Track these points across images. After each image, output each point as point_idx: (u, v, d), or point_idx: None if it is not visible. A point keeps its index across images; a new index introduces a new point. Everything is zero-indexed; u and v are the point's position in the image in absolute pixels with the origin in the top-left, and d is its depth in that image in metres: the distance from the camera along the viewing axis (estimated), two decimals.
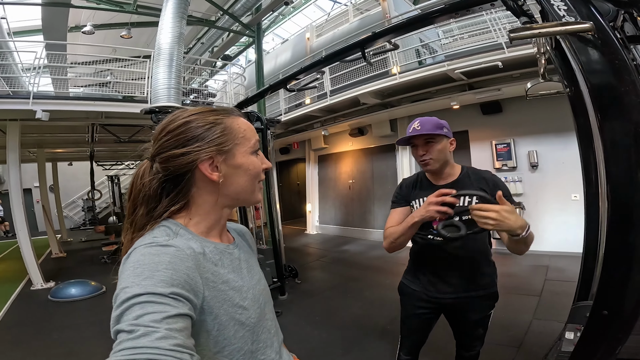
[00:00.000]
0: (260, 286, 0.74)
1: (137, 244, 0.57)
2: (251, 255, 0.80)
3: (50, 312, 4.09)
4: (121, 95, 6.10)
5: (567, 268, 4.29)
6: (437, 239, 1.41)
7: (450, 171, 1.46)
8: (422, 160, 1.42)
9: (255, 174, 0.70)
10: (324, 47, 7.93)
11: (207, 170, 0.64)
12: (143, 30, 8.48)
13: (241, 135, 0.68)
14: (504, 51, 4.39)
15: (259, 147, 0.72)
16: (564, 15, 0.93)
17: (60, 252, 7.71)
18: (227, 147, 0.66)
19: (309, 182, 9.14)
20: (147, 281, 0.48)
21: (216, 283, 0.60)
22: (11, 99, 4.81)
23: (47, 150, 8.30)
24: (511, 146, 5.54)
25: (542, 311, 3.22)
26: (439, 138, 1.40)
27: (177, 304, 0.48)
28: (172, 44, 4.91)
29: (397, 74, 5.50)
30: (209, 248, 0.64)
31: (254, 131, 0.72)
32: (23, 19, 8.61)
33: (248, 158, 0.69)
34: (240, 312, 0.63)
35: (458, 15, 1.89)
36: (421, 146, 1.42)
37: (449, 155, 1.44)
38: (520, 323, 2.97)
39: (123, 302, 0.46)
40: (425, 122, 1.39)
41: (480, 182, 1.40)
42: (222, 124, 0.67)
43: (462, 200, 1.36)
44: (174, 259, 0.53)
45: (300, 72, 3.12)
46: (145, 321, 0.43)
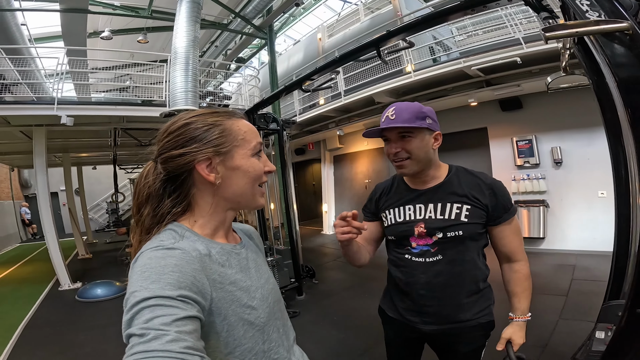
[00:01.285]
0: (269, 285, 0.73)
1: (144, 247, 0.58)
2: (259, 255, 0.80)
3: (77, 312, 4.23)
4: (140, 100, 6.26)
5: (595, 267, 4.14)
6: (415, 259, 1.13)
7: (435, 173, 1.15)
8: (397, 159, 1.11)
9: (255, 177, 0.69)
10: (336, 47, 7.91)
11: (204, 171, 0.64)
12: (159, 35, 8.67)
13: (241, 137, 0.68)
14: (522, 46, 4.26)
15: (260, 149, 0.71)
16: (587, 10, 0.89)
17: (86, 254, 8.00)
18: (226, 149, 0.66)
19: (325, 182, 9.14)
20: (154, 285, 0.49)
21: (223, 284, 0.61)
22: (37, 105, 5.01)
23: (72, 154, 8.62)
24: (533, 143, 5.36)
25: (569, 311, 3.12)
26: (420, 132, 1.07)
27: (186, 307, 0.48)
28: (187, 47, 5.01)
29: (411, 72, 5.42)
30: (215, 249, 0.65)
31: (255, 133, 0.72)
32: (43, 25, 8.96)
33: (247, 160, 0.68)
34: (249, 312, 0.63)
35: (474, 12, 1.84)
36: (394, 141, 1.10)
37: (432, 154, 1.12)
38: (546, 323, 2.89)
39: (133, 306, 0.47)
40: (402, 110, 1.06)
41: (473, 187, 1.10)
42: (222, 125, 0.67)
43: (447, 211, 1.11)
44: (181, 262, 0.54)
45: (315, 72, 3.12)
46: (156, 324, 0.44)
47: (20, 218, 12.76)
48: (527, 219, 5.29)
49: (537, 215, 5.21)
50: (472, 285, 1.12)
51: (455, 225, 1.08)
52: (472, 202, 1.08)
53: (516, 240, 1.13)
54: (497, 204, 1.08)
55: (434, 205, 1.12)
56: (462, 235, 1.08)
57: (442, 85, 5.64)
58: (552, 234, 5.16)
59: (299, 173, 11.22)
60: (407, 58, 5.58)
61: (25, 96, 5.41)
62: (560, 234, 5.12)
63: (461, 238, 1.08)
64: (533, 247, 5.25)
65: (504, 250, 1.14)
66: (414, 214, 1.14)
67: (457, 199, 1.10)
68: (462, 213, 1.08)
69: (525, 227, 5.27)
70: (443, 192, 1.13)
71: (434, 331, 1.14)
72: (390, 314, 1.25)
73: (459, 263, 1.10)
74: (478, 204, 1.09)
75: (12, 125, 5.28)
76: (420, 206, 1.14)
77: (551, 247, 5.14)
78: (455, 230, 1.08)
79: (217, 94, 8.14)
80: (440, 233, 1.09)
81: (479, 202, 1.09)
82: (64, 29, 7.26)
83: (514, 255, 1.13)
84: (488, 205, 1.08)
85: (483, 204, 1.09)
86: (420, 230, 1.12)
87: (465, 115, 6.09)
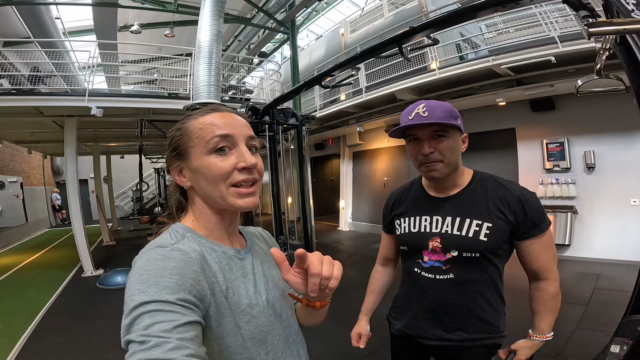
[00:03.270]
0: (277, 292, 0.70)
1: (143, 249, 0.57)
2: (268, 260, 0.75)
3: (97, 299, 4.38)
4: (167, 93, 6.41)
5: (620, 277, 3.96)
6: (425, 274, 1.07)
7: (457, 179, 1.05)
8: (428, 162, 1.00)
9: (215, 177, 0.61)
10: (359, 42, 7.81)
11: (174, 176, 0.66)
12: (184, 29, 8.85)
13: (195, 135, 0.62)
14: (558, 45, 4.05)
15: (220, 144, 0.61)
16: (633, 9, 0.82)
17: (110, 241, 8.36)
18: (183, 151, 0.64)
19: (343, 178, 9.10)
20: (152, 288, 0.47)
21: (222, 289, 0.58)
22: (69, 96, 5.23)
23: (102, 144, 8.99)
24: (565, 146, 5.10)
25: (588, 321, 3.00)
26: (453, 132, 0.99)
27: (186, 311, 0.47)
28: (211, 42, 5.07)
29: (436, 70, 5.26)
30: (216, 252, 0.63)
31: (218, 126, 0.62)
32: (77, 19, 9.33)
33: (203, 160, 0.61)
34: (247, 320, 0.60)
35: (505, 8, 1.74)
36: (427, 141, 0.99)
37: (460, 157, 1.04)
38: (562, 332, 2.78)
39: (131, 310, 0.45)
40: (435, 108, 0.96)
41: (498, 199, 0.99)
42: (182, 127, 0.65)
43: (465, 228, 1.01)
44: (179, 264, 0.52)
45: (335, 68, 3.07)
46: (156, 331, 0.43)
47: (50, 203, 13.45)
48: (553, 224, 5.06)
49: (564, 221, 4.98)
50: (482, 307, 1.04)
51: (473, 244, 0.99)
52: (495, 219, 0.98)
53: (545, 257, 1.01)
54: (526, 220, 0.97)
55: (452, 219, 1.03)
56: (478, 257, 1.00)
57: (469, 83, 5.46)
58: (578, 241, 4.94)
59: (317, 168, 11.23)
60: (432, 55, 5.43)
61: (59, 88, 5.66)
62: (586, 241, 4.90)
63: (477, 259, 1.00)
64: (557, 254, 5.03)
65: (530, 267, 1.03)
66: (429, 225, 1.07)
67: (478, 214, 1.00)
68: (482, 231, 0.98)
69: None
70: (463, 203, 1.03)
71: (439, 345, 1.09)
72: (397, 327, 1.20)
73: (471, 284, 1.02)
74: (502, 220, 0.98)
75: (45, 115, 5.54)
76: (438, 218, 1.05)
77: (576, 254, 4.92)
78: (473, 252, 0.99)
79: (239, 88, 8.23)
80: (456, 252, 1.01)
81: (504, 217, 0.98)
82: (96, 23, 7.54)
83: (541, 273, 1.02)
84: (514, 220, 0.98)
85: (508, 220, 0.98)
86: (435, 244, 1.04)
87: (492, 115, 5.87)
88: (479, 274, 1.01)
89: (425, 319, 1.09)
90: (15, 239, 9.39)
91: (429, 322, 1.09)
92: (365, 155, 8.67)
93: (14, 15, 6.96)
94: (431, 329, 1.08)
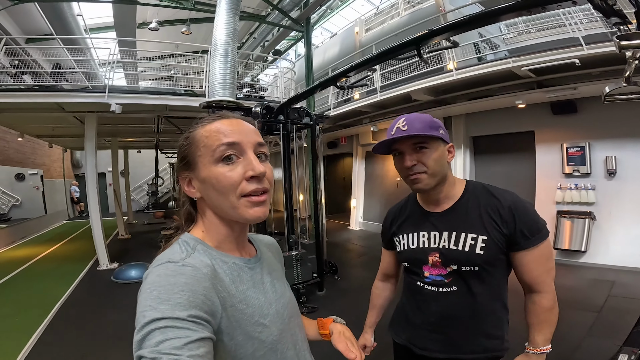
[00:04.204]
0: (284, 300, 0.71)
1: (154, 262, 0.57)
2: (275, 268, 0.76)
3: (110, 293, 4.44)
4: (183, 90, 6.50)
5: (637, 284, 3.90)
6: (428, 288, 1.07)
7: (449, 191, 1.06)
8: (411, 173, 1.01)
9: (224, 188, 0.59)
10: (374, 41, 7.72)
11: (184, 187, 0.65)
12: (201, 26, 8.93)
13: (202, 144, 0.61)
14: (582, 47, 3.91)
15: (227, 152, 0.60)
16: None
17: (125, 234, 8.53)
18: (191, 161, 0.63)
19: (355, 177, 9.07)
20: (164, 305, 0.47)
21: (234, 302, 0.58)
22: (89, 93, 5.35)
23: (120, 139, 9.16)
24: (585, 150, 4.96)
25: (599, 329, 2.95)
26: (435, 142, 1.00)
27: (197, 328, 0.47)
28: (226, 39, 5.10)
29: (453, 70, 5.16)
30: (227, 264, 0.62)
31: (224, 133, 0.60)
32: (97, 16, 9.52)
33: (210, 170, 0.60)
34: (260, 330, 0.60)
35: (531, 13, 1.69)
36: (409, 154, 1.00)
37: (447, 168, 1.04)
38: (572, 339, 2.76)
39: (143, 326, 0.46)
40: (414, 120, 0.98)
41: (491, 211, 0.99)
42: (190, 136, 0.64)
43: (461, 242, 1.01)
44: (191, 280, 0.52)
45: (350, 69, 3.05)
46: (167, 348, 0.43)
47: (69, 196, 13.83)
48: (570, 230, 4.95)
49: (582, 227, 4.86)
50: (486, 319, 1.04)
51: (471, 258, 0.99)
52: (490, 231, 0.98)
53: (537, 270, 0.99)
54: (516, 230, 0.96)
55: (448, 233, 1.03)
56: (478, 270, 1.00)
57: (487, 85, 5.34)
58: (595, 248, 4.81)
59: (329, 166, 11.21)
60: (449, 56, 5.32)
61: (80, 84, 5.79)
62: (603, 248, 4.78)
63: (477, 272, 1.00)
64: (572, 260, 4.96)
65: (522, 279, 1.02)
66: (427, 241, 1.07)
67: (472, 228, 1.00)
68: (478, 245, 0.98)
69: (566, 239, 4.95)
70: (457, 217, 1.03)
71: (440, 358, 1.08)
72: (398, 341, 1.21)
73: (474, 296, 1.02)
74: (497, 231, 0.98)
75: (67, 111, 5.69)
76: (435, 233, 1.06)
77: (592, 260, 4.81)
78: (471, 265, 0.99)
79: (254, 86, 8.27)
80: (455, 265, 1.01)
81: (498, 228, 0.98)
82: (116, 20, 7.68)
83: (534, 285, 1.00)
84: (507, 231, 0.97)
85: (502, 231, 0.97)
86: (434, 259, 1.05)
87: (510, 117, 5.74)
88: (481, 286, 1.01)
89: (429, 331, 1.09)
90: (34, 230, 9.67)
91: (432, 335, 1.08)
92: (378, 155, 8.60)
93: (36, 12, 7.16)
94: (434, 342, 1.08)
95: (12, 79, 5.67)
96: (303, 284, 4.04)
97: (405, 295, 1.20)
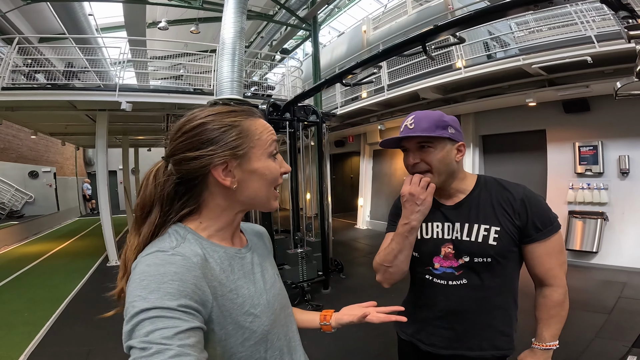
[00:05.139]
0: (274, 290, 0.70)
1: (144, 252, 0.56)
2: (266, 258, 0.76)
3: None
4: (192, 88, 6.56)
5: None
6: (437, 281, 1.05)
7: (459, 186, 1.06)
8: (416, 172, 1.02)
9: (271, 179, 0.66)
10: (381, 40, 7.68)
11: (219, 175, 0.61)
12: (209, 25, 9.00)
13: (257, 137, 0.64)
14: (594, 45, 3.84)
15: (277, 149, 0.68)
16: None
17: None
18: (242, 151, 0.62)
19: (363, 176, 9.04)
20: (153, 294, 0.47)
21: (224, 291, 0.58)
22: (100, 91, 5.44)
23: (131, 137, 9.27)
24: (598, 149, 4.86)
25: (608, 330, 2.91)
26: (440, 142, 0.99)
27: (187, 317, 0.47)
28: (234, 38, 5.13)
29: (462, 68, 5.10)
30: (218, 253, 0.62)
31: (271, 132, 0.67)
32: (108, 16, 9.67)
33: (264, 162, 0.65)
34: (250, 320, 0.60)
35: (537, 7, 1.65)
36: (413, 152, 1.02)
37: (456, 166, 1.03)
38: (580, 340, 2.74)
39: (132, 317, 0.46)
40: (422, 119, 0.99)
41: (503, 203, 1.00)
42: (239, 126, 0.63)
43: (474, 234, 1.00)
44: (181, 269, 0.52)
45: (356, 66, 3.04)
46: (157, 338, 0.43)
47: (81, 193, 14.09)
48: (581, 231, 4.86)
49: (593, 228, 4.77)
50: (495, 313, 1.02)
51: (483, 249, 0.98)
52: (502, 222, 0.98)
53: (549, 263, 0.98)
54: (528, 222, 0.97)
55: (461, 225, 1.02)
56: (490, 262, 0.98)
57: (497, 83, 5.27)
58: (607, 249, 4.73)
59: (337, 165, 11.20)
60: (458, 53, 5.27)
61: (92, 83, 5.89)
62: (615, 249, 4.69)
63: (489, 264, 0.98)
64: (583, 261, 4.87)
65: (534, 272, 1.01)
66: (441, 232, 1.06)
67: (485, 219, 1.00)
68: (491, 235, 0.98)
69: (577, 239, 4.87)
70: (470, 209, 1.03)
71: (448, 356, 1.06)
72: (403, 336, 1.18)
73: (484, 290, 1.00)
74: (509, 223, 0.98)
75: (79, 109, 5.79)
76: (449, 225, 1.05)
77: (603, 262, 4.72)
78: (484, 257, 0.98)
79: (261, 84, 8.31)
80: (468, 257, 1.00)
81: (510, 219, 0.98)
82: (126, 19, 7.79)
83: (545, 279, 1.00)
84: (520, 223, 0.98)
85: (515, 223, 0.98)
86: (447, 251, 1.03)
87: (521, 115, 5.66)
88: (492, 279, 1.00)
89: (436, 326, 1.07)
90: (47, 226, 9.88)
91: (439, 330, 1.07)
92: (386, 153, 8.56)
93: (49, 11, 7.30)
94: (441, 337, 1.06)
95: (26, 77, 5.78)
96: (308, 281, 4.04)
97: (411, 290, 1.18)
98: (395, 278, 1.05)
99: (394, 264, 1.03)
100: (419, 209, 0.96)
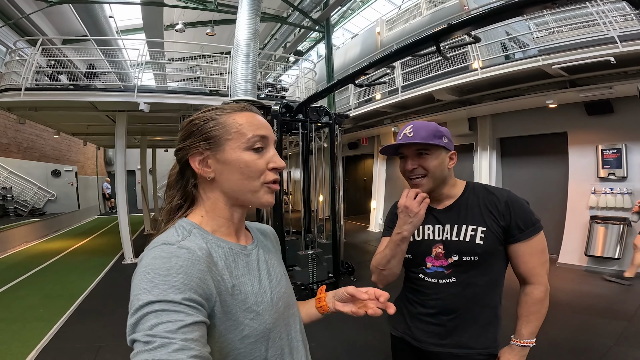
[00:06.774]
0: (280, 289, 0.70)
1: (149, 245, 0.57)
2: (272, 257, 0.76)
3: None
4: (208, 89, 6.66)
5: None
6: (429, 279, 1.14)
7: (450, 191, 1.16)
8: (413, 176, 1.12)
9: (250, 172, 0.64)
10: (395, 41, 7.63)
11: (196, 165, 0.64)
12: (225, 27, 9.15)
13: (234, 130, 0.65)
14: (617, 45, 3.72)
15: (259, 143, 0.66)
16: None
17: (151, 230, 8.85)
18: (216, 142, 0.64)
19: (376, 178, 8.97)
20: (158, 287, 0.47)
21: (227, 287, 0.58)
22: (119, 92, 5.58)
23: (149, 137, 9.49)
24: (622, 153, 4.67)
25: (628, 337, 2.85)
26: (436, 150, 1.10)
27: (192, 311, 0.47)
28: (248, 40, 5.19)
29: (478, 69, 4.99)
30: (223, 249, 0.63)
31: (257, 127, 0.66)
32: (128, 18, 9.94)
33: (240, 154, 0.64)
34: (252, 317, 0.60)
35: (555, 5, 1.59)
36: (411, 158, 1.12)
37: (448, 173, 1.14)
38: (597, 347, 2.70)
39: (137, 310, 0.46)
40: (420, 128, 1.09)
41: (489, 206, 1.08)
42: (217, 119, 0.66)
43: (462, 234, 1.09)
44: (186, 262, 0.52)
45: (368, 66, 3.02)
46: (161, 332, 0.43)
47: (101, 192, 14.51)
48: (603, 237, 4.68)
49: (616, 234, 4.59)
50: (482, 310, 1.10)
51: (471, 248, 1.07)
52: (488, 223, 1.07)
53: (532, 262, 1.06)
54: (511, 223, 1.05)
55: (451, 226, 1.12)
56: (478, 260, 1.06)
57: (515, 84, 5.14)
58: (629, 255, 4.52)
59: (350, 167, 11.16)
60: (474, 54, 5.16)
61: (112, 84, 6.05)
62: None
63: (476, 262, 1.07)
64: (605, 267, 4.69)
65: (518, 271, 1.10)
66: (432, 233, 1.15)
67: (472, 220, 1.09)
68: (477, 235, 1.07)
69: (599, 245, 4.70)
70: (459, 212, 1.12)
71: (437, 351, 1.13)
72: (395, 333, 1.25)
73: (472, 287, 1.08)
74: (495, 223, 1.07)
75: (100, 110, 5.96)
76: (439, 227, 1.14)
77: (625, 269, 4.51)
78: (471, 255, 1.07)
79: (275, 86, 8.37)
80: (457, 256, 1.09)
81: (496, 220, 1.07)
82: (144, 21, 8.00)
83: (528, 277, 1.08)
84: (504, 224, 1.06)
85: (500, 223, 1.06)
86: (438, 251, 1.12)
87: (541, 117, 5.50)
88: (480, 277, 1.08)
89: (427, 323, 1.14)
90: (67, 224, 10.18)
91: (430, 327, 1.14)
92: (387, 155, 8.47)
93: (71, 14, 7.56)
94: (432, 334, 1.13)
95: (49, 78, 5.99)
96: (318, 283, 4.02)
97: (404, 289, 1.26)
98: (389, 280, 1.14)
99: (387, 267, 1.11)
100: (412, 220, 1.02)
